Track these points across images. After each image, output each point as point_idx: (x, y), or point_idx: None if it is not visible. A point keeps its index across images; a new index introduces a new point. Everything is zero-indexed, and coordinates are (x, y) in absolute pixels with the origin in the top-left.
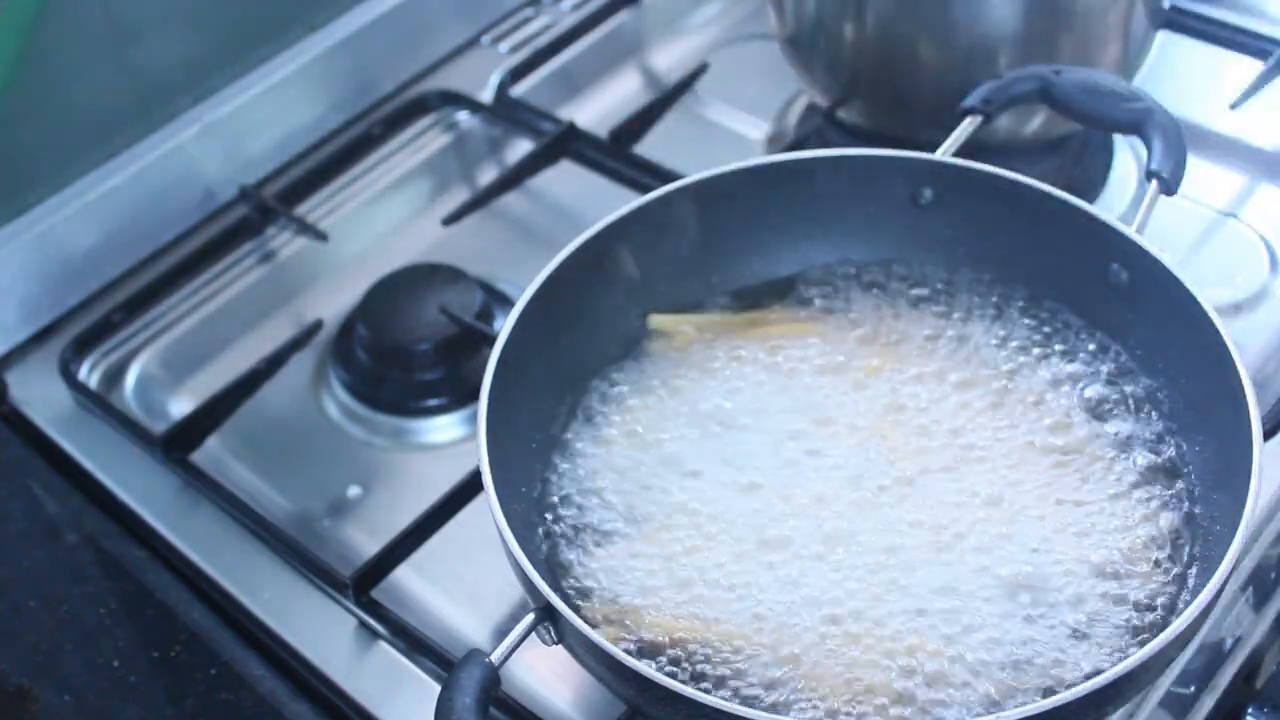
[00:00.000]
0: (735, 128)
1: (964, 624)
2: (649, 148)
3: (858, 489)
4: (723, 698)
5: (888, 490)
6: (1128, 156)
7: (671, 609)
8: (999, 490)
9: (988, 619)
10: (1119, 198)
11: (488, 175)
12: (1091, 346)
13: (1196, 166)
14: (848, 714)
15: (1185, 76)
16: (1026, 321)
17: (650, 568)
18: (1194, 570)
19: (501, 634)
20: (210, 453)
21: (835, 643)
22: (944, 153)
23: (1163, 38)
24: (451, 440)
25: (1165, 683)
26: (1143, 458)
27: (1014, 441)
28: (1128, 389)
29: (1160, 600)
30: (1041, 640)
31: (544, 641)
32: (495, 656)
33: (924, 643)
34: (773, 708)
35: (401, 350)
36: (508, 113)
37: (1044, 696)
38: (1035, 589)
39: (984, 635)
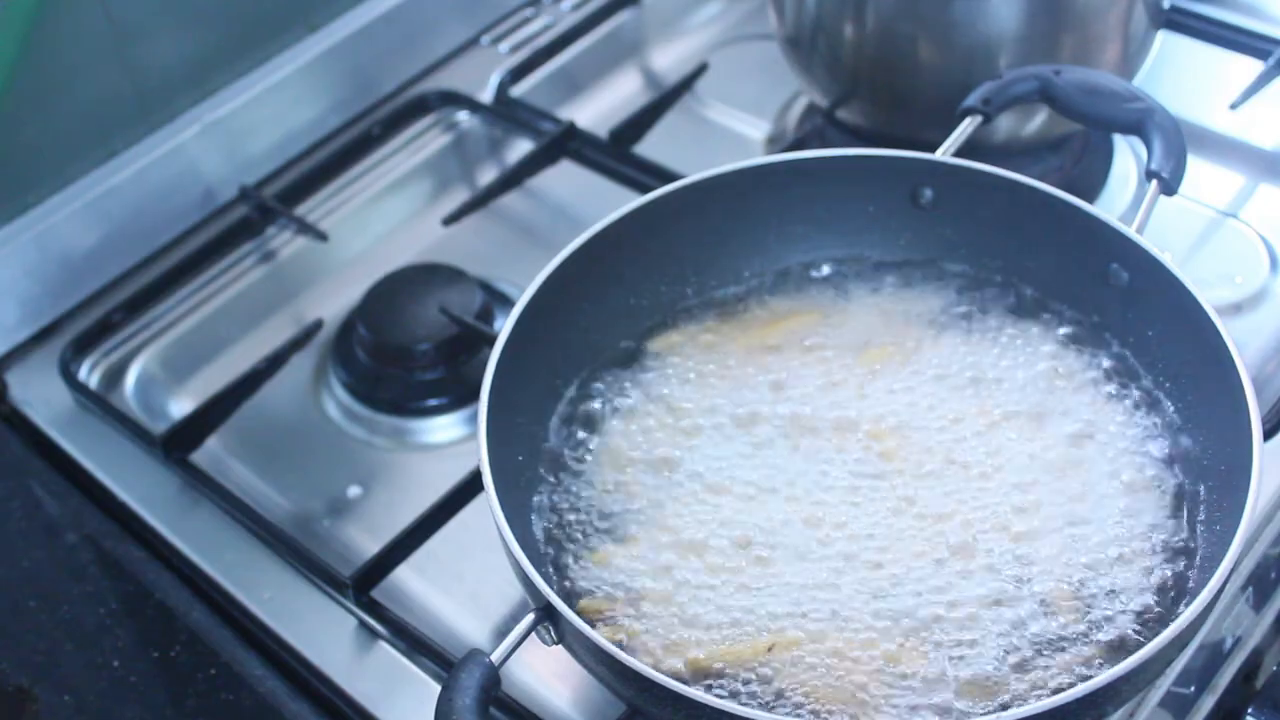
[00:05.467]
0: (735, 128)
1: (962, 625)
2: (649, 148)
3: (859, 491)
4: (722, 697)
5: (888, 493)
6: (1128, 156)
7: (672, 609)
8: (997, 489)
9: (986, 619)
10: (1119, 198)
11: (488, 175)
12: (1091, 346)
13: (1196, 166)
14: (848, 716)
15: (1185, 76)
16: (1026, 321)
17: (650, 568)
18: (1194, 570)
19: (501, 634)
20: (210, 453)
21: (836, 645)
22: (944, 153)
23: (1163, 38)
24: (451, 440)
25: (1165, 683)
26: (1143, 457)
27: (1011, 440)
28: (1128, 389)
29: (1160, 600)
30: (1041, 640)
31: (544, 641)
32: (495, 656)
33: (923, 645)
34: (772, 708)
35: (401, 350)
36: (508, 113)
37: (1043, 697)
38: (1034, 589)
39: (982, 636)
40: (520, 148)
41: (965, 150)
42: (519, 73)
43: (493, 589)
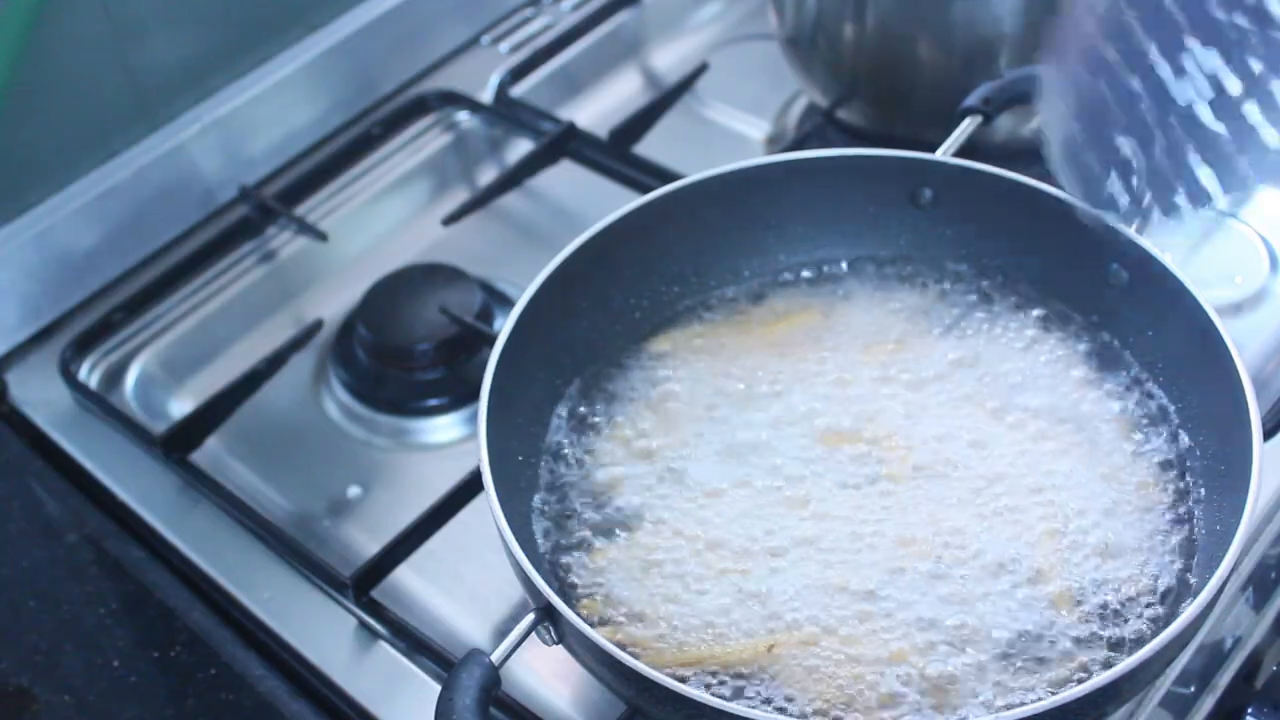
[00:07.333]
0: (735, 128)
1: (962, 625)
2: (649, 148)
3: (858, 491)
4: (722, 697)
5: (887, 493)
6: None
7: (672, 609)
8: (996, 489)
9: (985, 619)
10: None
11: (488, 175)
12: (1091, 346)
13: None
14: (848, 716)
15: None
16: (1025, 321)
17: (651, 568)
18: (1194, 570)
19: (501, 634)
20: (210, 453)
21: (837, 644)
22: (944, 153)
23: None
24: (451, 440)
25: (1165, 683)
26: (1142, 457)
27: (1012, 441)
28: (1127, 389)
29: (1160, 600)
30: (1040, 640)
31: (544, 641)
32: (495, 656)
33: (923, 645)
34: (772, 708)
35: (401, 350)
36: (508, 113)
37: (1043, 696)
38: (1033, 589)
39: (982, 637)
40: (520, 148)
41: (965, 150)
42: (519, 73)
43: (493, 589)
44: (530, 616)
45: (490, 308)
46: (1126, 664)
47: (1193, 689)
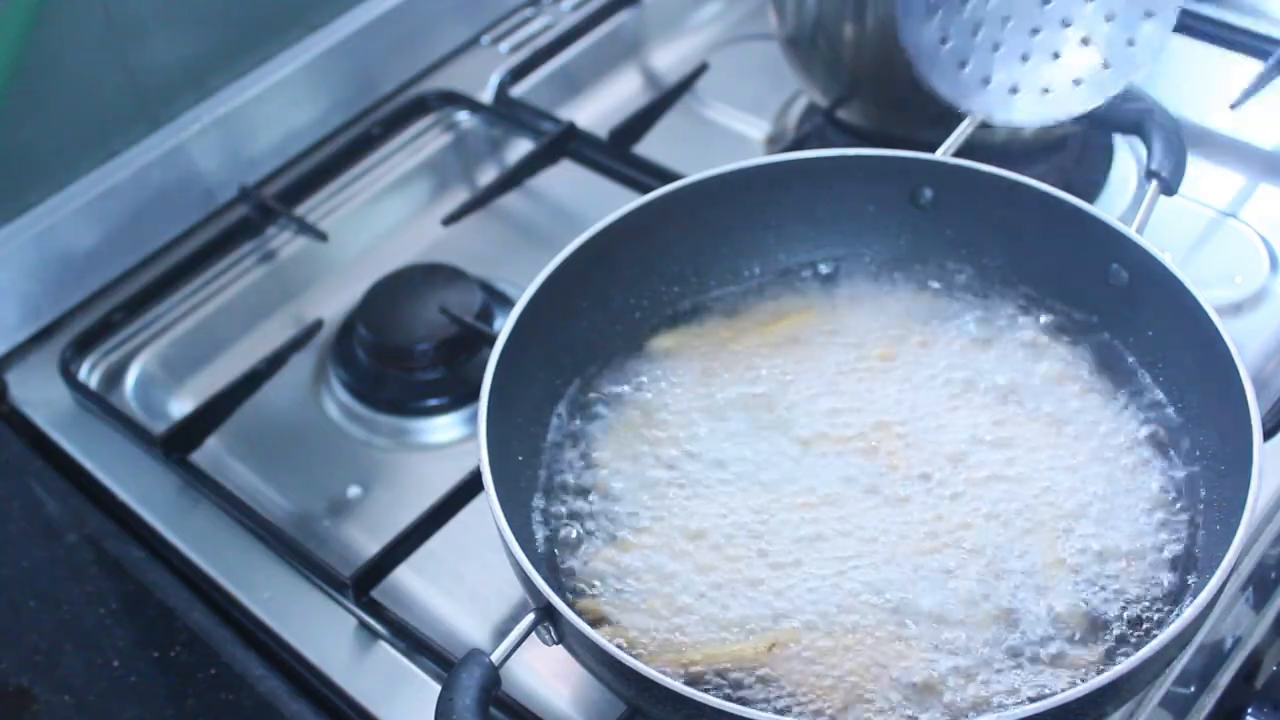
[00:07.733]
0: (735, 128)
1: (963, 624)
2: (649, 148)
3: (859, 490)
4: (722, 697)
5: (887, 492)
6: (1128, 156)
7: (671, 609)
8: (996, 489)
9: (986, 619)
10: (1119, 198)
11: (488, 175)
12: (1091, 346)
13: (1196, 166)
14: (849, 716)
15: (1185, 76)
16: (1026, 321)
17: (650, 567)
18: (1194, 570)
19: (501, 634)
20: (210, 453)
21: (837, 644)
22: (944, 153)
23: None
24: (451, 440)
25: (1165, 683)
26: (1142, 457)
27: (1011, 441)
28: (1127, 389)
29: (1160, 600)
30: (1040, 640)
31: (544, 641)
32: (495, 656)
33: (924, 644)
34: (772, 708)
35: (401, 350)
36: (508, 113)
37: (1044, 696)
38: (1033, 589)
39: (982, 636)
40: (520, 148)
41: (965, 150)
42: (519, 73)
43: (493, 589)
44: (530, 616)
45: (490, 308)
46: (1126, 664)
47: (1193, 689)
